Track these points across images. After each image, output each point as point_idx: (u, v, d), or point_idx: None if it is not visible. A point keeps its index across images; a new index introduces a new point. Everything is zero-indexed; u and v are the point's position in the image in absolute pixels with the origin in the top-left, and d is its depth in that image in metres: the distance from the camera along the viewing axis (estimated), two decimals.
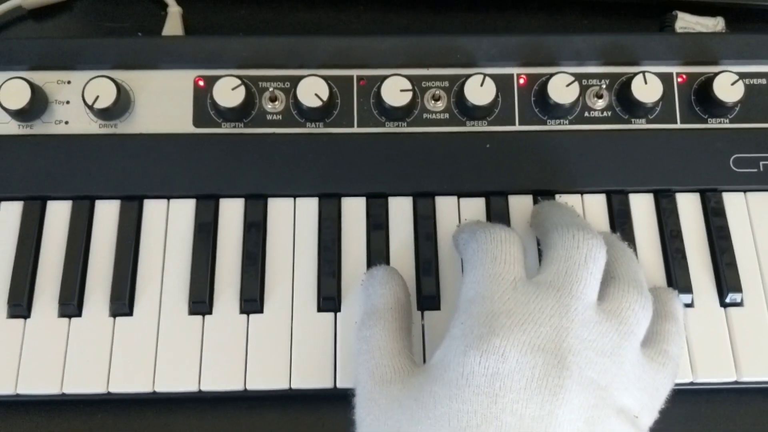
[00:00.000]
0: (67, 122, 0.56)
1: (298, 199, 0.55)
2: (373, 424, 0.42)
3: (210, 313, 0.52)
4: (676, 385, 0.51)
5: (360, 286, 0.51)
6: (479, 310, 0.41)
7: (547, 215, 0.48)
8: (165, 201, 0.55)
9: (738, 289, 0.53)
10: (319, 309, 0.52)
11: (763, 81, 0.58)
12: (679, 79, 0.57)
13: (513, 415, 0.37)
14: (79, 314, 0.52)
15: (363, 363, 0.45)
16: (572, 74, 0.55)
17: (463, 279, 0.45)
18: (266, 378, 0.51)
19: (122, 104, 0.55)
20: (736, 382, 0.51)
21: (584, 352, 0.40)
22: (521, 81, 0.57)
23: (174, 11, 0.64)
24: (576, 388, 0.38)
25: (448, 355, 0.40)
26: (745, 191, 0.56)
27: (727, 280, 0.53)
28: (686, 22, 0.65)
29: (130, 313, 0.52)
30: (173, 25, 0.63)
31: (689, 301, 0.53)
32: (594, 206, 0.55)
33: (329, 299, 0.52)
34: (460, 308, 0.43)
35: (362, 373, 0.44)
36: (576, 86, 0.55)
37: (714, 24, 0.65)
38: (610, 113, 0.57)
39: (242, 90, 0.54)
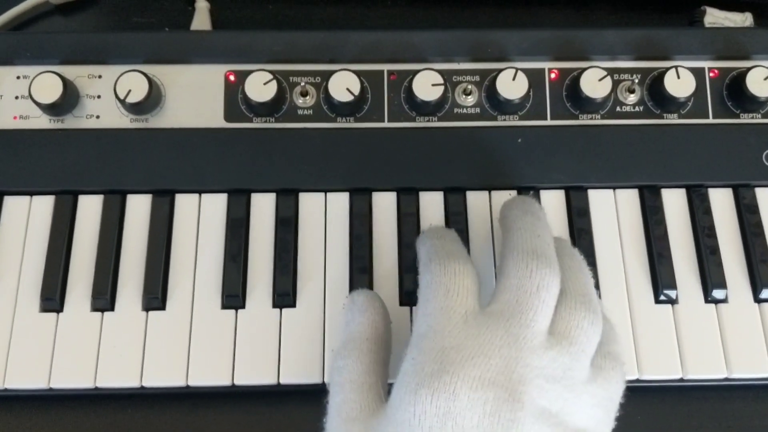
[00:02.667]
0: (98, 116, 0.56)
1: (329, 193, 0.55)
2: None
3: (243, 307, 0.52)
4: (711, 381, 0.51)
5: (342, 310, 0.50)
6: (430, 345, 0.40)
7: (508, 228, 0.46)
8: (197, 195, 0.55)
9: None
10: None
11: None
12: (711, 74, 0.57)
13: None
14: (111, 308, 0.52)
15: (333, 396, 0.44)
16: (604, 69, 0.55)
17: (416, 311, 0.44)
18: (299, 373, 0.51)
19: (154, 98, 0.55)
20: None
21: (535, 380, 0.38)
22: (553, 75, 0.57)
23: (202, 6, 0.64)
24: (529, 419, 0.37)
25: (400, 393, 0.39)
26: None
27: (761, 275, 0.53)
28: (715, 17, 0.65)
29: (162, 308, 0.52)
30: (201, 20, 0.63)
31: (723, 297, 0.53)
32: (626, 201, 0.55)
33: None
34: (412, 342, 0.42)
35: (332, 406, 0.43)
36: (608, 81, 0.55)
37: (742, 19, 0.65)
38: (641, 108, 0.57)
39: (274, 84, 0.54)
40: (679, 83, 0.55)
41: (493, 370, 0.38)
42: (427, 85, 0.55)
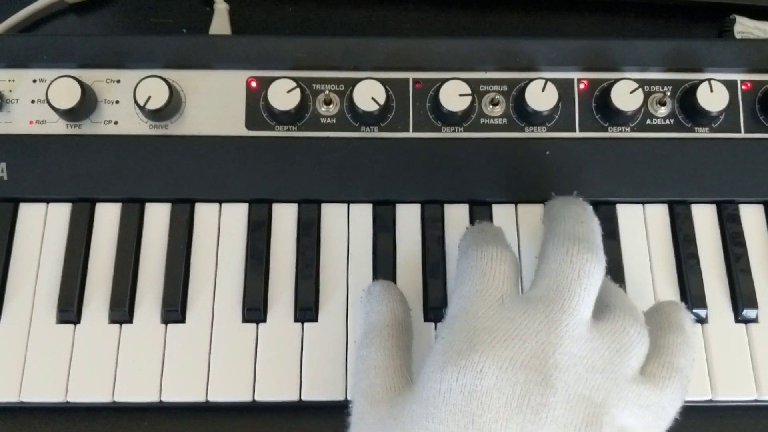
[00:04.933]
0: (116, 122, 0.55)
1: (352, 205, 0.54)
2: None
3: (264, 320, 0.51)
4: (740, 402, 0.50)
5: (360, 303, 0.50)
6: (461, 326, 0.39)
7: (552, 218, 0.45)
8: (217, 205, 0.54)
9: None
10: None
11: None
12: (744, 87, 0.56)
13: None
14: (129, 320, 0.51)
15: (358, 383, 0.43)
16: (635, 80, 0.54)
17: (450, 296, 0.43)
18: (321, 389, 0.50)
19: (174, 105, 0.54)
20: None
21: (573, 368, 0.37)
22: (582, 86, 0.56)
23: (221, 8, 0.63)
24: (562, 406, 0.36)
25: (427, 371, 0.39)
26: None
27: None
28: (744, 26, 0.63)
29: (182, 320, 0.51)
30: (220, 22, 0.62)
31: (754, 316, 0.52)
32: (656, 217, 0.54)
33: None
34: (445, 324, 0.41)
35: (357, 393, 0.43)
36: (640, 93, 0.53)
37: None
38: (672, 121, 0.55)
39: (297, 93, 0.53)
40: (712, 96, 0.53)
41: (527, 353, 0.37)
42: (454, 95, 0.53)
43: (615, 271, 0.52)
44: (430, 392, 0.37)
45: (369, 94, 0.53)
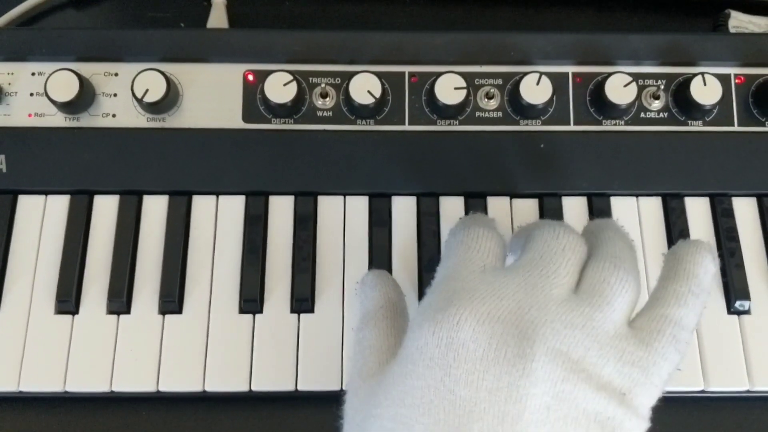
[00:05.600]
0: (114, 115, 0.55)
1: (348, 197, 0.55)
2: (352, 416, 0.41)
3: (260, 311, 0.52)
4: (733, 393, 0.51)
5: (355, 294, 0.50)
6: (442, 289, 0.40)
7: (530, 225, 0.45)
8: (214, 197, 0.54)
9: None
10: None
11: None
12: (737, 81, 0.56)
13: (468, 387, 0.35)
14: (127, 311, 0.52)
15: (355, 363, 0.44)
16: (629, 74, 0.54)
17: (437, 270, 0.43)
18: (318, 379, 0.50)
19: (171, 98, 0.54)
20: None
21: (551, 324, 0.37)
22: (576, 80, 0.56)
23: (218, 2, 0.63)
24: (540, 358, 0.35)
25: (408, 333, 0.39)
26: None
27: None
28: (739, 21, 0.64)
29: (179, 311, 0.52)
30: (218, 15, 0.62)
31: (746, 308, 0.52)
32: (649, 209, 0.55)
33: None
34: (427, 292, 0.41)
35: (353, 372, 0.43)
36: (634, 87, 0.54)
37: (767, 23, 0.64)
38: (666, 114, 0.56)
39: (294, 86, 0.53)
40: (706, 90, 0.54)
41: (505, 309, 0.37)
42: (449, 89, 0.54)
43: None
44: (409, 350, 0.38)
45: (365, 88, 0.53)
